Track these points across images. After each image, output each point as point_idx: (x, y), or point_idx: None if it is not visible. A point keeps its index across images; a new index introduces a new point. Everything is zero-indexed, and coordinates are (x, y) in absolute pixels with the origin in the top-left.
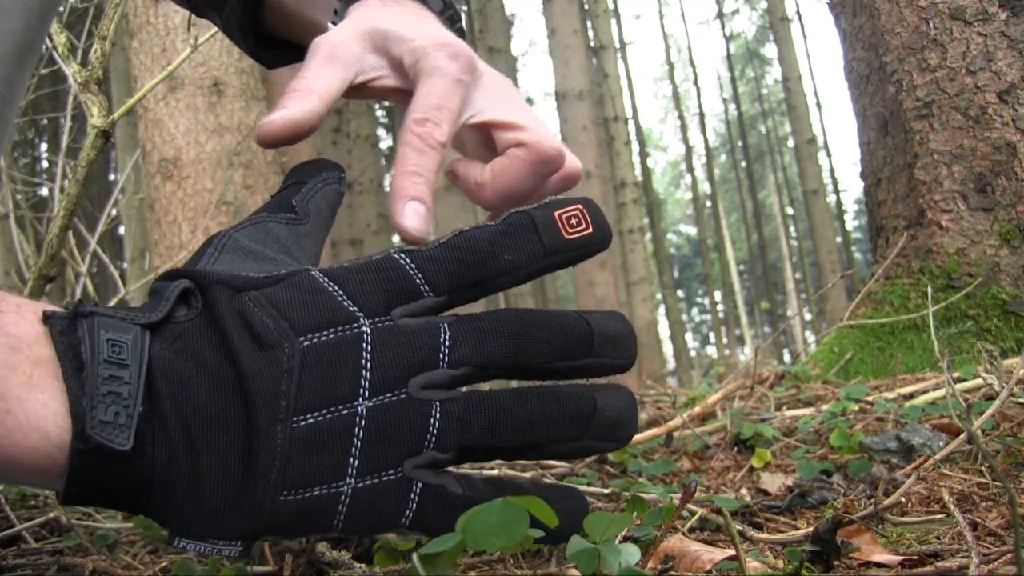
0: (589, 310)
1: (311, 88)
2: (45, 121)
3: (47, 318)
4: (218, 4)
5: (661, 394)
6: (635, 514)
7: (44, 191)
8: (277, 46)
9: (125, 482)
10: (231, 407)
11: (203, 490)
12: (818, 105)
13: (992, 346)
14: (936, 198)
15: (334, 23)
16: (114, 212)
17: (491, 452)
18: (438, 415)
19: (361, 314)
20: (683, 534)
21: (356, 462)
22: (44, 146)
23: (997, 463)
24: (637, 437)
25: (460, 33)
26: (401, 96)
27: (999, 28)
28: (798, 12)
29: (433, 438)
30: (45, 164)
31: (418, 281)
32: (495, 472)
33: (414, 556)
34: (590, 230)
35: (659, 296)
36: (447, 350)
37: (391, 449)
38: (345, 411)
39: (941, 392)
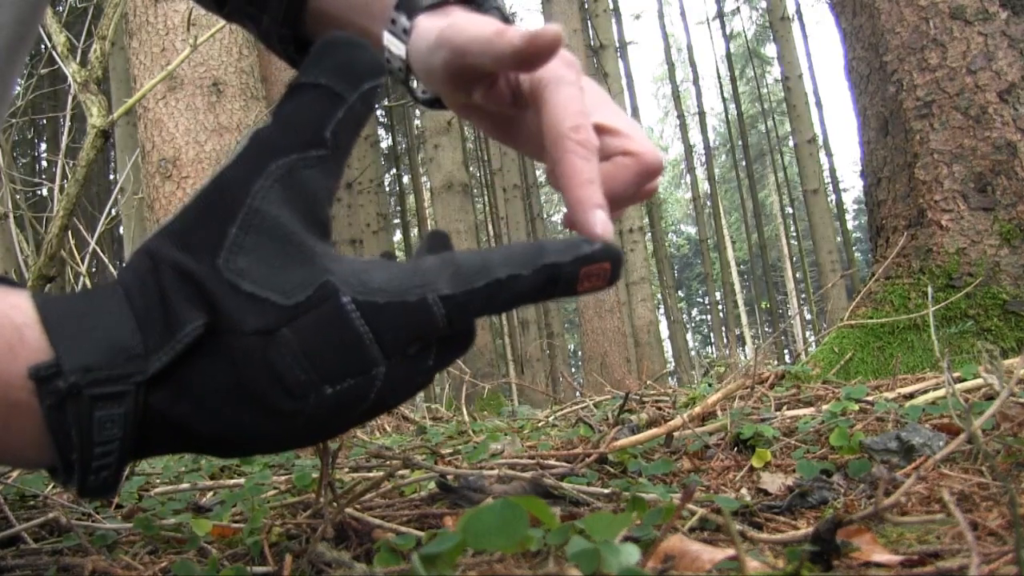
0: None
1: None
2: (44, 121)
3: (38, 381)
4: (255, 14)
5: (661, 394)
6: (635, 514)
7: (44, 191)
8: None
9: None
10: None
11: None
12: (818, 104)
13: (992, 346)
14: (936, 198)
15: (393, 32)
16: (114, 212)
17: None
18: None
19: (383, 359)
20: (683, 534)
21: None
22: (43, 146)
23: (997, 463)
24: (637, 437)
25: None
26: (510, 107)
27: (999, 27)
28: (798, 11)
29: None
30: (44, 164)
31: (441, 325)
32: (495, 472)
33: (414, 556)
34: (602, 285)
35: (659, 296)
36: (432, 363)
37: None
38: None
39: (941, 392)
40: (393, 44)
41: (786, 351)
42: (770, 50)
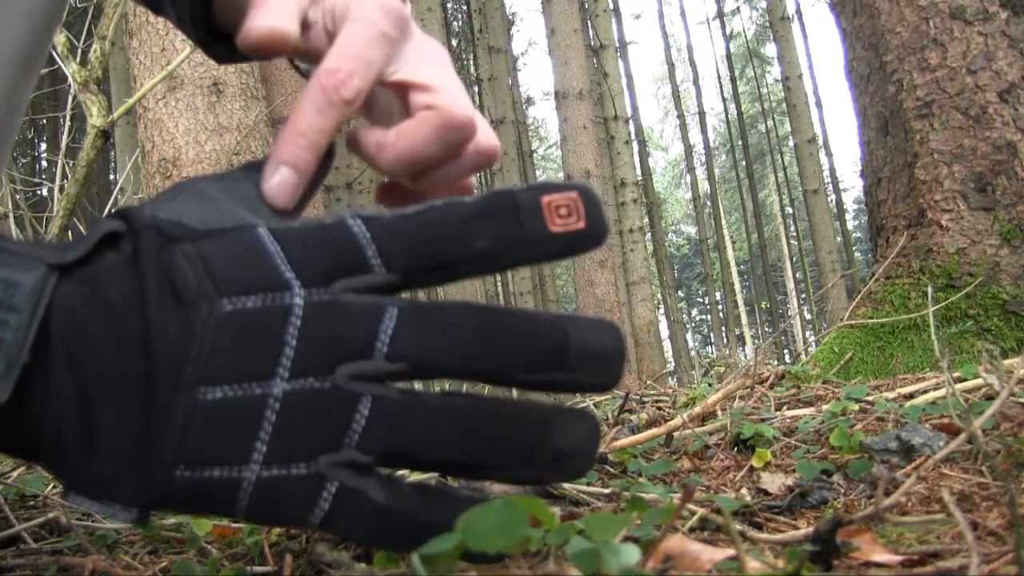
0: (574, 316)
1: (274, 4)
2: (45, 121)
3: None
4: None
5: (661, 394)
6: (635, 514)
7: (44, 191)
8: (226, 40)
9: (10, 432)
10: (133, 366)
11: (96, 449)
12: (818, 104)
13: (992, 346)
14: (936, 198)
15: None
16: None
17: (420, 464)
18: (365, 412)
19: (297, 282)
20: (683, 534)
21: (264, 448)
22: (44, 146)
23: (997, 463)
24: (637, 437)
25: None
26: None
27: (999, 27)
28: (798, 11)
29: (356, 435)
30: (44, 164)
31: (370, 253)
32: None
33: (414, 556)
34: (581, 224)
35: (659, 296)
36: (387, 339)
37: (305, 440)
38: (258, 390)
39: (941, 392)
40: None
41: (786, 351)
42: (770, 50)
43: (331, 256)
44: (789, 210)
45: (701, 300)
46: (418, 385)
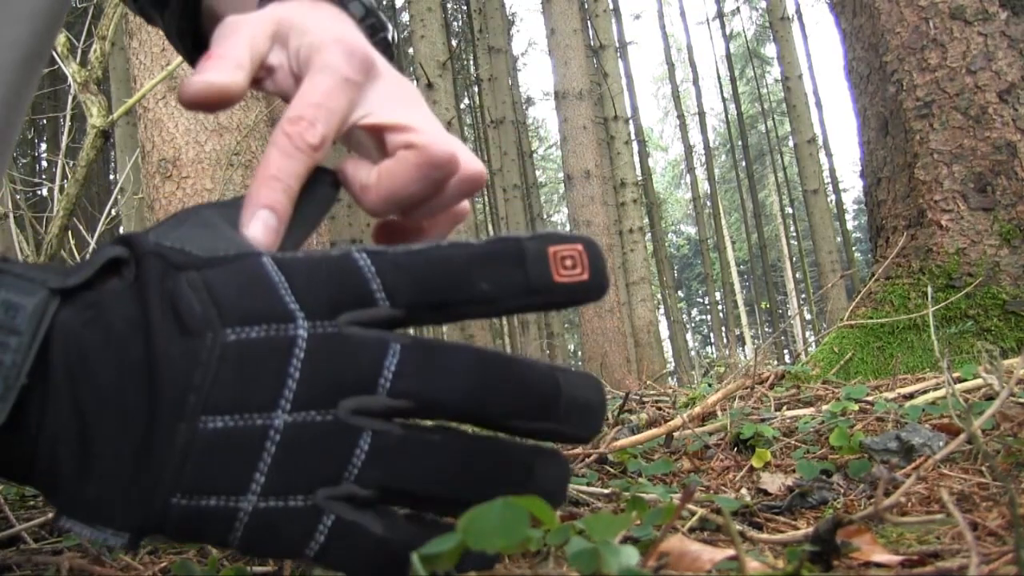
0: (563, 367)
1: (224, 55)
2: (45, 121)
3: None
4: (160, 6)
5: (661, 394)
6: (635, 514)
7: (44, 191)
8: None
9: (5, 455)
10: (134, 392)
11: (91, 474)
12: (818, 105)
13: (992, 346)
14: (936, 198)
15: None
16: (114, 212)
17: (417, 500)
18: (366, 447)
19: (301, 314)
20: (683, 534)
21: (262, 479)
22: (44, 146)
23: (997, 463)
24: (637, 437)
25: (384, 45)
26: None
27: (999, 28)
28: (798, 11)
29: (355, 470)
30: (44, 164)
31: (375, 286)
32: None
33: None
34: (585, 276)
35: (659, 296)
36: (391, 375)
37: (304, 473)
38: (260, 421)
39: (941, 392)
40: None
41: (786, 351)
42: (770, 50)
43: (336, 288)
44: (789, 210)
45: (701, 300)
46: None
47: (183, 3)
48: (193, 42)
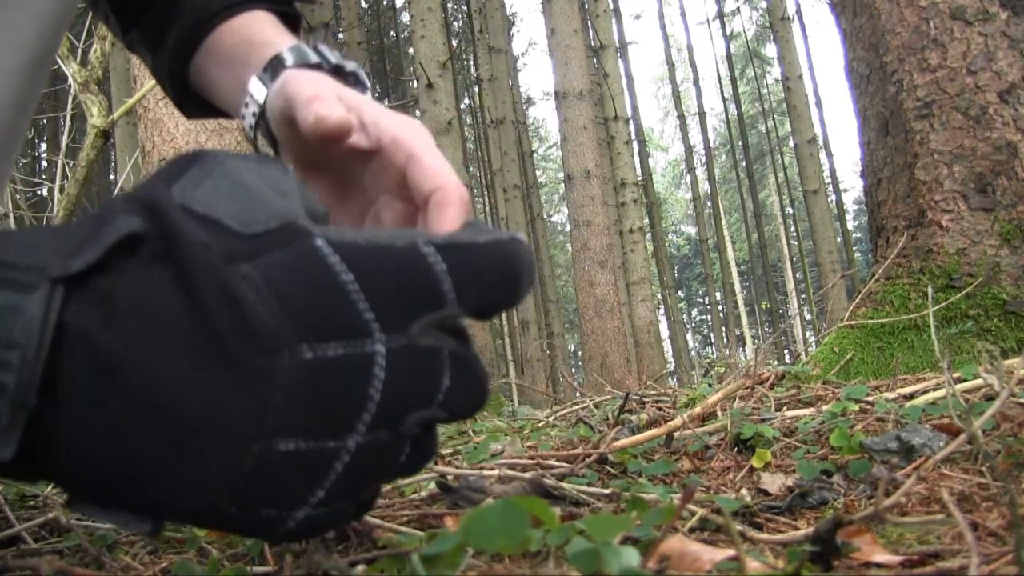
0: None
1: (330, 96)
2: (45, 121)
3: None
4: (152, 47)
5: (661, 394)
6: (635, 514)
7: (44, 191)
8: (196, 99)
9: (17, 479)
10: (190, 410)
11: (125, 483)
12: (818, 105)
13: (992, 346)
14: (936, 198)
15: (260, 79)
16: None
17: None
18: (407, 451)
19: (376, 325)
20: (683, 534)
21: (322, 494)
22: (44, 146)
23: (997, 463)
24: (637, 437)
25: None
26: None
27: (999, 28)
28: (798, 11)
29: (395, 469)
30: (45, 164)
31: (446, 287)
32: (496, 472)
33: (414, 556)
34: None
35: (659, 296)
36: (443, 390)
37: (360, 486)
38: (333, 444)
39: (941, 392)
40: (256, 88)
41: (786, 351)
42: (770, 50)
43: (408, 292)
44: (789, 210)
45: (701, 300)
46: None
47: (178, 48)
48: (184, 88)
